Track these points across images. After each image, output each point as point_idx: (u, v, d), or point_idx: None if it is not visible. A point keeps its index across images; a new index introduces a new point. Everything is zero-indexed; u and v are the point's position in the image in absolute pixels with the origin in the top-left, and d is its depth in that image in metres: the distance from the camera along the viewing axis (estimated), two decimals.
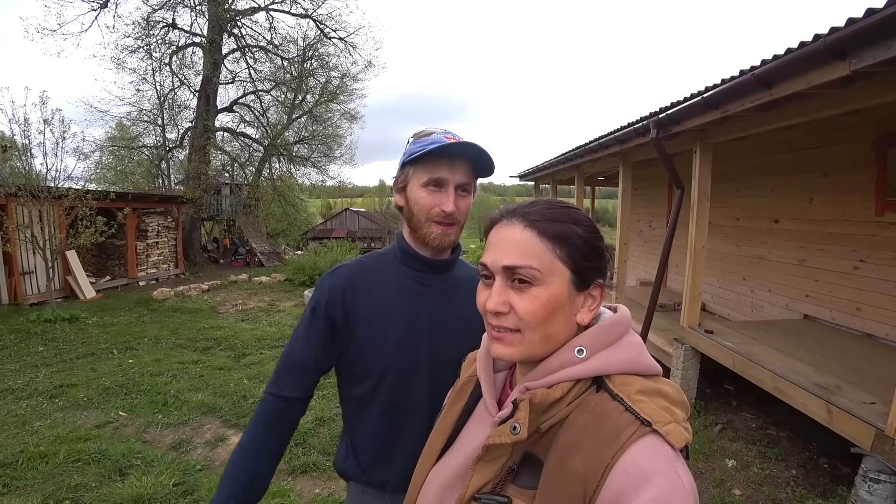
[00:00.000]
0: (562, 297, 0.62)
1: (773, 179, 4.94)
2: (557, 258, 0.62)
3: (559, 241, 0.62)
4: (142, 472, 2.98)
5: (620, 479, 0.51)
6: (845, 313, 4.09)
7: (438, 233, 1.01)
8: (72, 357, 5.68)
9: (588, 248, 0.64)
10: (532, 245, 0.62)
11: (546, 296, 0.61)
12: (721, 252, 5.74)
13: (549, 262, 0.62)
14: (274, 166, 19.43)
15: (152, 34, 16.01)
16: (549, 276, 0.62)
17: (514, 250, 0.62)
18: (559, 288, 0.62)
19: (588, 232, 0.65)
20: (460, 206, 1.02)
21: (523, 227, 0.63)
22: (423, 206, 1.01)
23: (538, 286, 0.62)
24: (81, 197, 8.57)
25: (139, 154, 18.43)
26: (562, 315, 0.63)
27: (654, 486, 0.50)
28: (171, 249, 13.62)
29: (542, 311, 0.61)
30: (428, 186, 1.00)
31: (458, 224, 1.04)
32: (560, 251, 0.62)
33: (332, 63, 18.33)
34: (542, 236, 0.62)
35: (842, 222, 4.11)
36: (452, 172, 0.99)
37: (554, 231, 0.63)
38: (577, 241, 0.63)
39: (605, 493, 0.52)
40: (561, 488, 0.55)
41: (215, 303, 9.61)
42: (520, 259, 0.62)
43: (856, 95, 2.61)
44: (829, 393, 2.77)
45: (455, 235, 1.04)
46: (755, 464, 3.22)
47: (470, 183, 1.02)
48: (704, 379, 4.31)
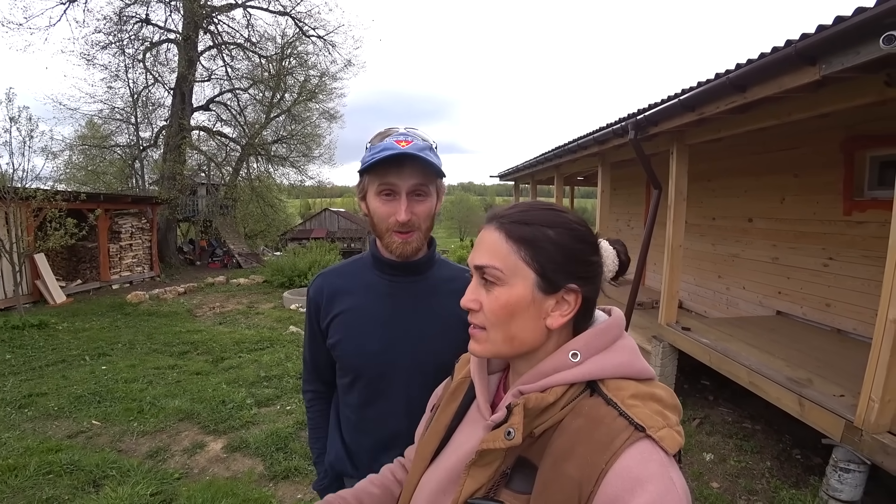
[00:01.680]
0: (524, 299, 0.63)
1: (746, 180, 5.08)
2: (521, 260, 0.63)
3: (524, 243, 0.63)
4: (117, 482, 2.89)
5: (615, 485, 0.52)
6: (816, 309, 4.23)
7: (399, 242, 1.02)
8: (41, 364, 5.48)
9: (558, 252, 0.63)
10: (498, 246, 0.64)
11: (506, 297, 0.63)
12: (697, 251, 5.87)
13: (512, 264, 0.63)
14: (252, 166, 19.09)
15: (125, 29, 15.56)
16: (511, 277, 0.63)
17: (484, 250, 0.65)
18: (521, 290, 0.63)
19: (562, 236, 0.64)
20: (417, 212, 1.01)
21: (494, 229, 0.65)
22: (381, 216, 1.01)
23: (501, 286, 0.63)
24: (50, 198, 8.29)
25: (111, 153, 17.85)
26: (525, 317, 0.63)
27: (647, 492, 0.50)
28: (146, 251, 13.27)
29: (503, 311, 0.63)
30: (381, 195, 1.00)
31: (418, 230, 1.02)
32: (525, 254, 0.63)
33: (310, 61, 18.11)
34: (508, 238, 0.64)
35: (812, 221, 4.25)
36: (402, 178, 0.98)
37: (520, 233, 0.63)
38: (546, 245, 0.63)
39: (600, 499, 0.52)
40: (555, 493, 0.55)
41: (192, 306, 9.41)
42: (486, 259, 0.64)
43: (825, 99, 2.70)
44: (801, 386, 2.86)
45: (418, 241, 1.03)
46: (732, 457, 3.31)
47: (425, 185, 1.00)
48: (682, 375, 4.40)
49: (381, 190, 0.99)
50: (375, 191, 1.01)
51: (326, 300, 1.13)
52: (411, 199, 0.99)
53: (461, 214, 60.80)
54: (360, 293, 1.11)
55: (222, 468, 3.20)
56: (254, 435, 3.57)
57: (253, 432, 3.64)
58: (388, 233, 1.02)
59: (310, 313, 1.17)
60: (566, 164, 7.00)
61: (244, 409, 4.10)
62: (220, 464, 3.26)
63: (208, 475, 3.11)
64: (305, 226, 31.16)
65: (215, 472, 3.16)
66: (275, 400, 4.37)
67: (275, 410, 4.15)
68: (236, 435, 3.64)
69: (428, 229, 1.05)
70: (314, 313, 1.16)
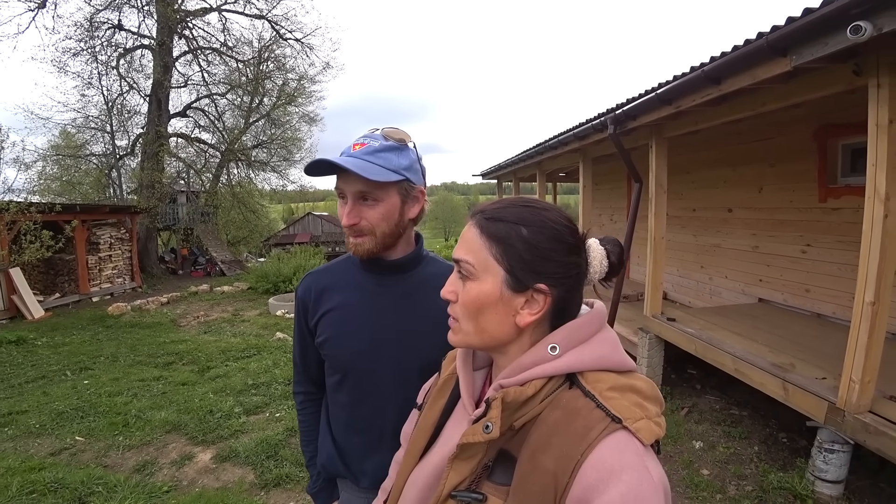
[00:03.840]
0: (492, 295, 0.64)
1: (725, 171, 5.17)
2: (492, 257, 0.64)
3: (495, 240, 0.64)
4: (104, 498, 2.82)
5: (590, 476, 0.52)
6: (796, 295, 4.32)
7: (352, 243, 1.04)
8: (21, 381, 5.32)
9: (528, 251, 0.63)
10: (472, 242, 0.66)
11: (476, 291, 0.65)
12: (680, 242, 5.96)
13: (483, 260, 0.64)
14: (232, 172, 18.82)
15: (96, 36, 15.17)
16: (481, 272, 0.64)
17: (461, 245, 0.67)
18: (490, 286, 0.64)
19: (536, 234, 0.63)
20: (367, 216, 1.00)
21: (473, 224, 0.67)
22: (339, 217, 1.04)
23: (472, 280, 0.65)
24: (24, 210, 8.08)
25: (87, 163, 17.42)
26: (494, 312, 0.64)
27: (622, 482, 0.51)
28: (126, 262, 12.99)
29: (472, 305, 0.65)
30: (339, 198, 1.03)
31: (370, 234, 1.02)
32: (495, 250, 0.64)
33: (288, 65, 17.90)
34: (482, 234, 0.65)
35: (789, 209, 4.34)
36: (347, 183, 0.99)
37: (492, 230, 0.64)
38: (516, 243, 0.63)
39: (575, 490, 0.53)
40: (532, 485, 0.56)
41: (175, 315, 9.24)
42: (462, 253, 0.66)
43: (797, 89, 2.76)
44: (784, 371, 2.92)
45: (370, 244, 1.03)
46: (721, 443, 3.36)
47: (371, 191, 0.98)
48: (669, 365, 4.46)
49: (337, 193, 1.02)
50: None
51: (314, 299, 1.13)
52: (360, 204, 0.99)
53: (445, 214, 60.75)
54: (348, 291, 1.11)
55: (212, 479, 3.15)
56: (243, 444, 3.52)
57: (242, 441, 3.59)
58: (346, 235, 1.05)
59: (298, 313, 1.18)
60: (547, 160, 7.05)
61: (232, 418, 4.04)
62: (209, 475, 3.21)
63: (198, 487, 3.05)
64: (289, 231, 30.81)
65: (205, 483, 3.10)
66: (263, 408, 4.31)
67: (264, 418, 4.09)
68: (225, 444, 3.58)
69: (386, 234, 1.03)
70: (302, 312, 1.16)
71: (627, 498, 0.50)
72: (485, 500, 0.59)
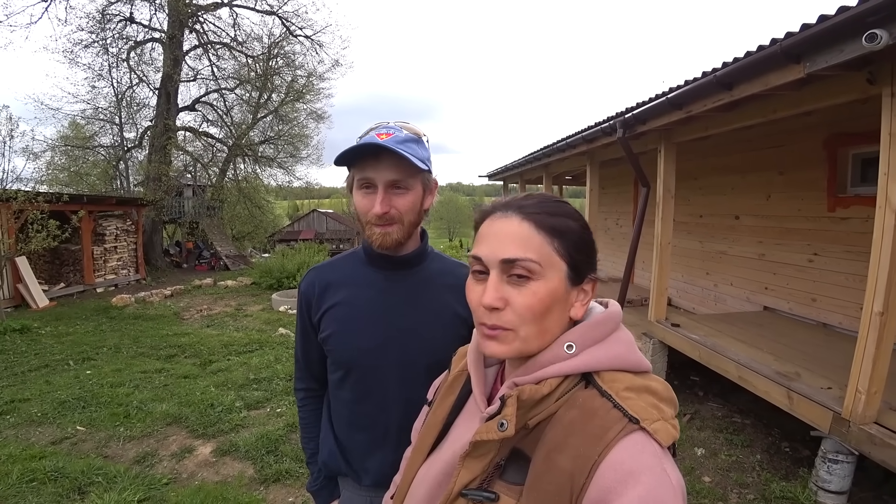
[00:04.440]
0: (559, 291, 0.61)
1: (733, 178, 5.14)
2: (555, 251, 0.61)
3: (556, 234, 0.61)
4: (103, 489, 2.83)
5: (608, 477, 0.51)
6: (802, 304, 4.29)
7: (378, 233, 1.01)
8: (24, 370, 5.35)
9: (582, 242, 0.63)
10: (531, 238, 0.61)
11: (545, 290, 0.60)
12: (685, 248, 5.93)
13: (547, 256, 0.61)
14: (239, 167, 18.92)
15: (108, 28, 15.30)
16: (547, 269, 0.61)
17: (514, 243, 0.61)
18: (557, 282, 0.61)
19: (581, 226, 0.64)
20: (397, 205, 0.99)
21: (521, 220, 0.62)
22: (361, 209, 1.01)
23: (537, 280, 0.60)
24: (32, 199, 8.12)
25: (95, 154, 17.58)
26: (557, 310, 0.62)
27: (641, 484, 0.50)
28: (131, 254, 13.06)
29: (541, 307, 0.60)
30: (362, 188, 1.00)
31: (399, 223, 1.01)
32: (557, 244, 0.61)
33: (298, 61, 18.02)
34: (539, 229, 0.61)
35: (797, 218, 4.31)
36: (378, 172, 0.97)
37: (551, 224, 0.62)
38: (573, 235, 0.62)
39: (592, 491, 0.51)
40: (548, 485, 0.55)
41: (179, 308, 9.27)
42: (519, 251, 0.60)
43: (809, 97, 2.74)
44: (788, 380, 2.90)
45: (399, 234, 1.02)
46: (723, 451, 3.34)
47: (403, 179, 0.99)
48: (672, 371, 4.44)
49: (360, 183, 1.00)
50: (356, 184, 1.01)
51: (318, 294, 1.12)
52: (390, 193, 0.99)
53: (450, 215, 60.75)
54: (353, 287, 1.10)
55: (212, 472, 3.15)
56: (243, 438, 3.52)
57: (243, 435, 3.59)
58: (368, 225, 1.02)
59: (301, 308, 1.16)
60: (555, 163, 7.03)
61: (233, 412, 4.05)
62: (209, 468, 3.21)
63: (197, 480, 3.05)
64: (294, 227, 30.93)
65: (204, 476, 3.11)
66: (264, 402, 4.32)
67: (265, 413, 4.10)
68: (226, 438, 3.58)
69: (412, 223, 1.04)
70: (306, 308, 1.15)
71: (646, 501, 0.49)
72: (497, 499, 0.58)
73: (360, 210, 1.01)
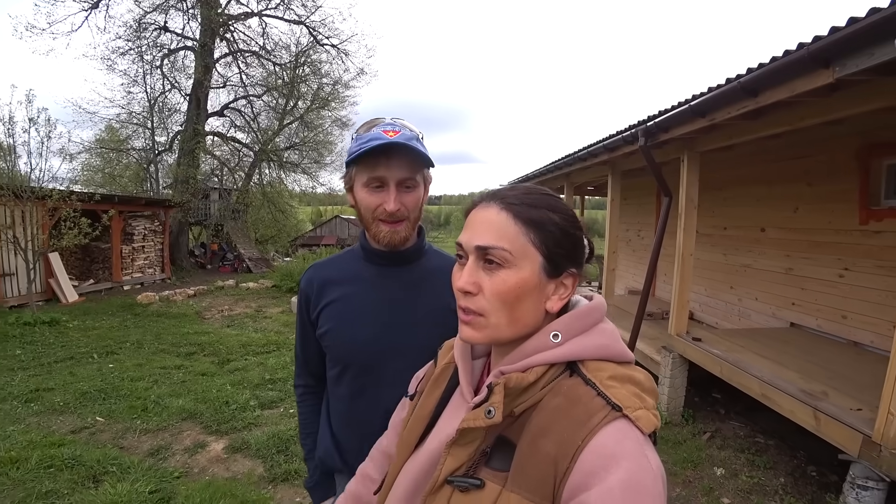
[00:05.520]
0: (531, 281, 0.62)
1: (758, 189, 5.00)
2: (530, 242, 0.62)
3: (533, 225, 0.63)
4: (117, 478, 2.88)
5: (590, 461, 0.52)
6: (831, 321, 4.12)
7: (387, 230, 1.02)
8: (50, 361, 5.53)
9: (562, 236, 0.64)
10: (506, 227, 0.62)
11: (515, 279, 0.62)
12: (708, 261, 5.78)
13: (521, 246, 0.62)
14: (264, 172, 19.29)
15: (144, 36, 15.90)
16: (520, 259, 0.62)
17: (489, 231, 0.63)
18: (529, 273, 0.62)
19: (564, 220, 0.65)
20: (406, 202, 1.01)
21: (499, 209, 0.63)
22: (368, 206, 1.01)
23: (508, 269, 0.62)
24: (65, 198, 8.43)
25: (127, 157, 18.18)
26: (530, 300, 0.63)
27: (622, 468, 0.51)
28: (158, 254, 13.43)
29: (510, 295, 0.62)
30: (369, 186, 1.00)
31: (406, 220, 1.03)
32: (533, 236, 0.62)
33: (324, 70, 18.34)
34: (517, 219, 0.62)
35: (827, 231, 4.15)
36: (390, 169, 0.98)
37: (529, 215, 0.63)
38: (552, 228, 0.63)
39: (575, 475, 0.53)
40: (532, 470, 0.56)
41: (201, 308, 9.47)
42: (493, 240, 0.62)
43: (839, 104, 2.65)
44: (816, 400, 2.77)
45: (406, 231, 1.04)
46: (744, 472, 3.21)
47: (412, 177, 1.00)
48: (692, 387, 4.30)
49: (370, 181, 0.99)
50: (363, 181, 1.00)
51: (317, 291, 1.13)
52: (400, 190, 0.99)
53: None
54: (350, 283, 1.11)
55: (222, 468, 3.18)
56: (255, 436, 3.55)
57: (255, 434, 3.62)
58: (374, 222, 1.02)
59: (300, 305, 1.17)
60: (576, 172, 6.97)
61: (247, 410, 4.09)
62: (220, 464, 3.24)
63: (208, 475, 3.09)
64: (316, 232, 31.31)
65: (215, 472, 3.14)
66: (278, 402, 4.35)
67: (278, 413, 4.13)
68: (238, 436, 3.62)
69: (416, 219, 1.05)
70: (304, 304, 1.16)
71: (627, 485, 0.50)
72: (482, 485, 0.59)
73: (366, 207, 1.01)
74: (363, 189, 1.01)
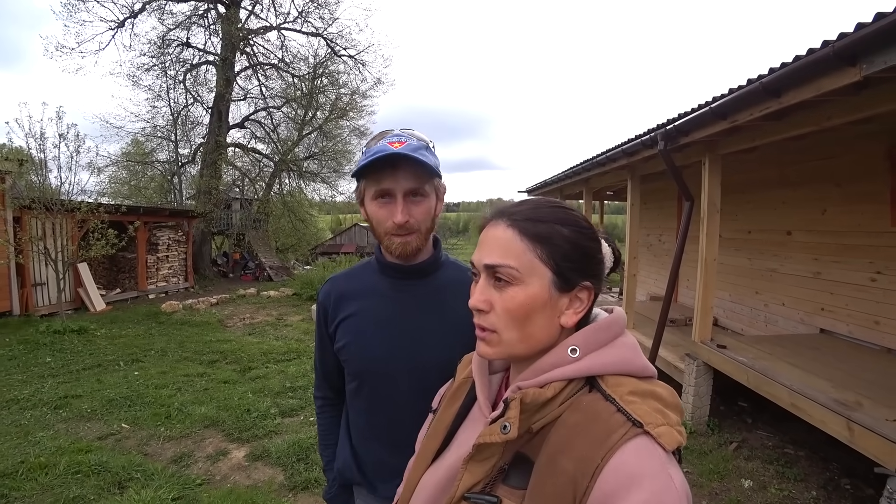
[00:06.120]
0: (540, 297, 0.62)
1: (784, 191, 4.86)
2: (538, 258, 0.62)
3: (540, 241, 0.62)
4: (141, 485, 2.93)
5: (611, 481, 0.51)
6: (863, 327, 3.97)
7: (398, 242, 1.01)
8: (78, 368, 5.68)
9: (572, 250, 0.63)
10: (512, 244, 0.62)
11: (523, 296, 0.61)
12: (733, 265, 5.64)
13: (528, 262, 0.62)
14: (284, 182, 19.63)
15: (167, 53, 16.41)
16: (527, 276, 0.62)
17: (496, 249, 0.63)
18: (538, 289, 0.62)
19: (575, 233, 0.64)
20: (414, 213, 0.99)
21: (506, 227, 0.64)
22: (378, 219, 1.01)
23: (516, 286, 0.62)
24: (93, 210, 8.68)
25: (152, 169, 18.74)
26: (541, 316, 0.62)
27: (644, 489, 0.49)
28: (181, 263, 13.73)
29: (519, 311, 0.62)
30: (377, 199, 0.99)
31: (417, 231, 1.01)
32: (541, 251, 0.62)
33: (341, 80, 18.63)
34: (522, 236, 0.62)
35: (857, 233, 4.01)
36: (397, 181, 0.96)
37: (535, 231, 0.62)
38: (560, 242, 0.63)
39: (595, 494, 0.51)
40: (550, 488, 0.54)
41: (223, 316, 9.63)
42: (499, 258, 0.62)
43: (868, 102, 2.56)
44: (848, 409, 2.66)
45: (417, 242, 1.02)
46: (773, 484, 3.10)
47: (420, 187, 0.98)
48: (718, 396, 4.19)
49: (377, 193, 0.99)
50: (372, 195, 1.00)
51: (334, 304, 1.13)
52: (408, 201, 0.98)
53: None
54: (366, 297, 1.10)
55: (243, 476, 3.21)
56: (276, 445, 3.58)
57: (275, 442, 3.65)
58: (387, 236, 1.01)
59: (319, 318, 1.18)
60: (595, 177, 6.89)
61: (268, 418, 4.13)
62: (241, 472, 3.27)
63: (229, 483, 3.12)
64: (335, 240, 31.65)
65: (236, 479, 3.17)
66: (299, 411, 4.38)
67: (298, 421, 4.15)
68: (259, 444, 3.65)
69: (428, 230, 1.04)
70: (322, 318, 1.16)
71: None
72: (499, 502, 0.58)
73: (377, 220, 1.01)
74: (372, 203, 1.00)
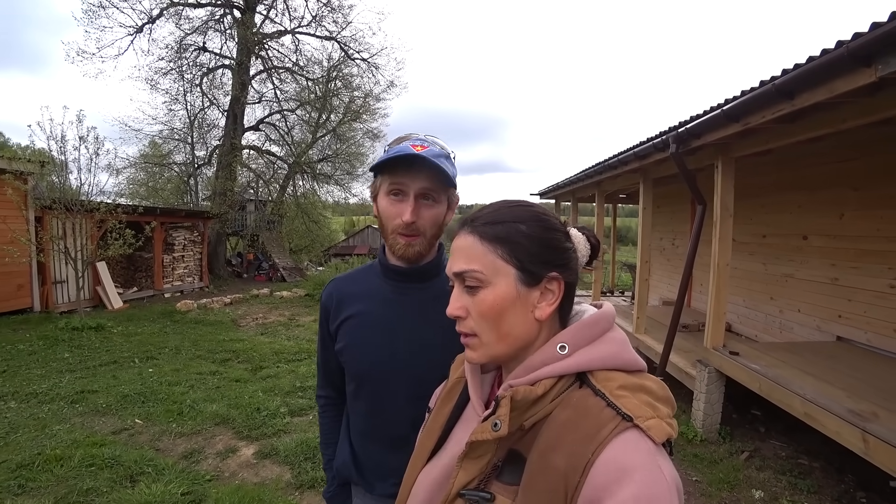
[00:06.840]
0: (509, 295, 0.63)
1: (799, 195, 4.78)
2: (500, 258, 0.64)
3: (499, 241, 0.64)
4: (152, 479, 2.99)
5: (602, 475, 0.51)
6: (882, 335, 3.87)
7: (402, 243, 1.02)
8: (95, 364, 5.80)
9: (533, 244, 0.64)
10: (474, 249, 0.65)
11: (492, 297, 0.63)
12: (747, 270, 5.55)
13: (490, 264, 0.64)
14: (298, 183, 19.84)
15: (184, 57, 16.70)
16: (493, 277, 0.64)
17: (462, 257, 0.66)
18: (505, 287, 0.63)
19: (533, 227, 0.65)
20: (423, 216, 1.00)
21: (467, 234, 0.66)
22: (388, 216, 1.01)
23: (485, 288, 0.64)
24: (112, 210, 8.87)
25: (169, 171, 19.09)
26: (514, 313, 0.63)
27: (635, 482, 0.50)
28: (197, 263, 13.94)
29: (491, 312, 0.63)
30: (390, 195, 1.00)
31: (422, 235, 1.02)
32: (501, 251, 0.64)
33: (355, 83, 18.77)
34: (483, 240, 0.65)
35: (876, 239, 3.92)
36: (412, 179, 0.97)
37: (494, 233, 0.64)
38: (520, 239, 0.64)
39: (587, 489, 0.51)
40: (542, 484, 0.55)
41: (236, 316, 9.75)
42: (464, 264, 0.65)
43: (884, 104, 2.51)
44: (864, 420, 2.59)
45: (421, 246, 1.02)
46: (785, 496, 3.04)
47: (434, 190, 0.99)
48: (730, 403, 4.12)
49: (391, 189, 1.00)
50: (385, 190, 1.01)
51: (336, 305, 1.14)
52: (419, 203, 0.99)
53: None
54: (367, 299, 1.11)
55: (251, 473, 3.25)
56: (284, 443, 3.61)
57: (284, 440, 3.68)
58: (393, 234, 1.02)
59: (321, 318, 1.19)
60: (607, 180, 6.84)
61: (277, 417, 4.17)
62: (249, 469, 3.31)
63: (238, 479, 3.15)
64: (349, 242, 31.79)
65: (245, 476, 3.20)
66: (308, 410, 4.41)
67: (307, 420, 4.19)
68: (268, 442, 3.69)
69: (434, 237, 1.04)
70: (324, 319, 1.17)
71: (640, 498, 0.49)
72: (493, 499, 0.59)
73: (386, 216, 1.02)
74: (385, 197, 1.01)
